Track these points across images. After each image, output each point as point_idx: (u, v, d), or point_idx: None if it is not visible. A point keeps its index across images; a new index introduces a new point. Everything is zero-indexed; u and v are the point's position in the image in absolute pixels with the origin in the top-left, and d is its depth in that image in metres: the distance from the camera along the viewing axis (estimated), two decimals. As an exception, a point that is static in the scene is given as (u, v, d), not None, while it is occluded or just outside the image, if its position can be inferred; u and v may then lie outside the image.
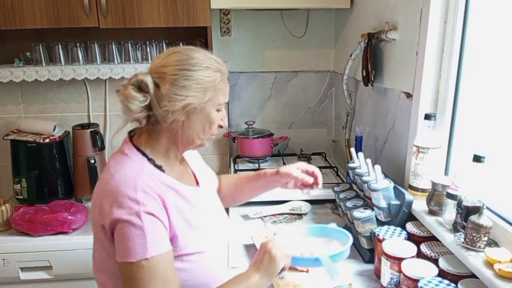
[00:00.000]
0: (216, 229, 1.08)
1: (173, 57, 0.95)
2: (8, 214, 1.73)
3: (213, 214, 1.11)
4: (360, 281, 1.22)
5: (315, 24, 2.22)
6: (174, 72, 0.93)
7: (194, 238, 0.98)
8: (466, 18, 1.20)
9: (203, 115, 0.97)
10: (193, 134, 0.99)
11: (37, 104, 2.14)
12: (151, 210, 0.88)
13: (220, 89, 0.98)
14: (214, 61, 0.98)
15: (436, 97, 1.31)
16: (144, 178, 0.92)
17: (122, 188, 0.89)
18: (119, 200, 0.88)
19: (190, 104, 0.93)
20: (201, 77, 0.94)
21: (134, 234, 0.86)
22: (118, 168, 0.94)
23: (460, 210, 1.05)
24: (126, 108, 0.92)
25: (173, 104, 0.92)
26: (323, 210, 1.73)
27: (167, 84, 0.92)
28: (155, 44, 1.98)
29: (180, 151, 1.03)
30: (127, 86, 0.92)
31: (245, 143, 2.10)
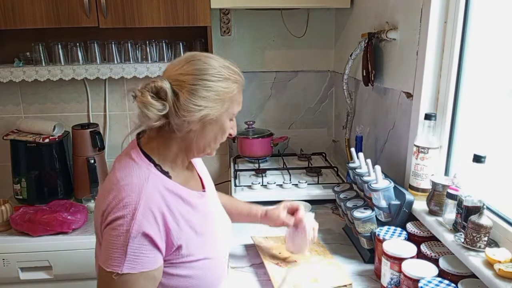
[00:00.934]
0: (220, 233, 1.08)
1: (192, 65, 0.93)
2: (8, 214, 1.73)
3: (217, 218, 1.11)
4: (360, 281, 1.22)
5: (315, 24, 2.21)
6: (193, 82, 0.91)
7: (200, 244, 0.97)
8: (466, 18, 1.20)
9: (217, 125, 0.97)
10: (205, 144, 0.98)
11: (37, 104, 2.14)
12: (145, 230, 0.85)
13: (235, 100, 0.98)
14: (233, 71, 0.97)
15: (436, 97, 1.31)
16: (148, 190, 0.89)
17: (124, 198, 0.87)
18: (118, 207, 0.86)
19: (208, 115, 0.92)
20: (220, 89, 0.93)
21: (117, 245, 0.85)
22: (124, 174, 0.92)
23: (460, 210, 1.05)
24: (144, 115, 0.90)
25: (191, 115, 0.91)
26: (323, 210, 1.73)
27: (186, 94, 0.90)
28: (155, 44, 1.98)
29: (188, 158, 1.02)
30: (144, 92, 0.89)
31: (245, 143, 2.10)
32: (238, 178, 1.90)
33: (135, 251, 0.85)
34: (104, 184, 0.95)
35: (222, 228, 1.10)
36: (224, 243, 1.09)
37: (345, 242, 1.46)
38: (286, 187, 1.78)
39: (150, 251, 0.87)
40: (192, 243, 0.95)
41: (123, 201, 0.87)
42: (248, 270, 1.29)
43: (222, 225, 1.11)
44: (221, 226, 1.10)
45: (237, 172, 1.96)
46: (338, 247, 1.42)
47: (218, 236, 1.06)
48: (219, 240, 1.06)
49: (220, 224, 1.11)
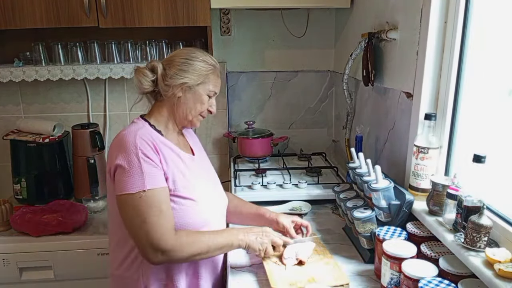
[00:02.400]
0: (209, 189, 1.31)
1: (180, 52, 1.28)
2: (8, 214, 1.73)
3: (207, 179, 1.34)
4: (360, 281, 1.22)
5: (315, 24, 2.22)
6: (179, 60, 1.24)
7: (187, 186, 1.20)
8: (466, 18, 1.20)
9: (196, 95, 1.25)
10: (186, 109, 1.25)
11: (36, 104, 2.14)
12: (147, 153, 1.12)
13: (211, 79, 1.26)
14: (210, 58, 1.28)
15: (436, 97, 1.31)
16: (143, 131, 1.17)
17: (125, 138, 1.14)
18: (122, 146, 1.13)
19: (186, 83, 1.22)
20: (198, 66, 1.24)
21: (134, 171, 1.10)
22: (125, 128, 1.21)
23: (460, 210, 1.05)
24: (139, 82, 1.22)
25: (173, 81, 1.21)
26: (323, 210, 1.73)
27: (173, 68, 1.23)
28: (154, 44, 1.98)
29: (177, 123, 1.29)
30: (143, 67, 1.24)
31: (245, 143, 2.10)
32: (238, 178, 1.90)
33: (149, 170, 1.11)
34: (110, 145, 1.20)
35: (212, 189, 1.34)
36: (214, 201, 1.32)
37: (345, 242, 1.46)
38: (286, 187, 1.78)
39: (158, 171, 1.13)
40: (179, 181, 1.18)
41: (125, 143, 1.13)
42: (248, 270, 1.29)
43: (212, 187, 1.35)
44: (212, 187, 1.34)
45: (237, 172, 1.96)
46: (338, 247, 1.41)
47: (206, 190, 1.28)
48: (207, 193, 1.28)
49: (210, 184, 1.34)
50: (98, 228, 1.77)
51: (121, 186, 1.11)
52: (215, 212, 1.31)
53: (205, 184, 1.30)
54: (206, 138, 2.26)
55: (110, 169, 1.15)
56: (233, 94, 2.27)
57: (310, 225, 1.41)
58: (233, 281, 1.23)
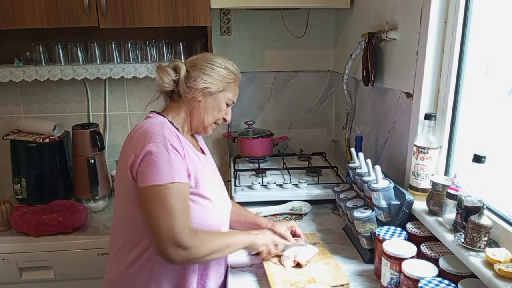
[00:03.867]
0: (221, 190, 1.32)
1: (204, 55, 1.27)
2: (8, 214, 1.73)
3: (218, 180, 1.35)
4: (360, 281, 1.22)
5: (315, 24, 2.22)
6: (203, 64, 1.23)
7: (206, 185, 1.18)
8: (466, 18, 1.20)
9: (215, 101, 1.25)
10: (204, 114, 1.24)
11: (37, 104, 2.14)
12: (175, 146, 1.10)
13: (231, 87, 1.27)
14: (233, 67, 1.28)
15: (436, 97, 1.31)
16: (168, 125, 1.16)
17: (151, 129, 1.10)
18: (150, 136, 1.08)
19: (208, 88, 1.21)
20: (221, 73, 1.23)
21: (162, 162, 1.06)
22: (144, 122, 1.15)
23: (460, 210, 1.05)
24: (160, 80, 1.20)
25: (196, 84, 1.20)
26: (323, 210, 1.73)
27: (196, 70, 1.21)
28: (155, 44, 1.98)
29: (192, 127, 1.28)
30: (165, 65, 1.22)
31: (245, 143, 2.10)
32: (238, 178, 1.90)
33: (177, 163, 1.09)
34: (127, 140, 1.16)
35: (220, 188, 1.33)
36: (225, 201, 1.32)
37: (345, 242, 1.46)
38: (286, 187, 1.78)
39: (183, 165, 1.11)
40: (199, 179, 1.16)
41: (152, 134, 1.09)
42: (248, 270, 1.29)
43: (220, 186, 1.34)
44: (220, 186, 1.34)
45: (237, 172, 1.96)
46: (338, 247, 1.42)
47: (220, 190, 1.30)
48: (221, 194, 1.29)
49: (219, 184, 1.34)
50: (98, 228, 1.77)
51: (147, 177, 1.06)
52: (227, 214, 1.32)
53: (217, 185, 1.31)
54: (206, 138, 2.26)
55: (133, 162, 1.08)
56: (233, 94, 2.26)
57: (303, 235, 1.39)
58: (233, 281, 1.23)
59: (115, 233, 1.21)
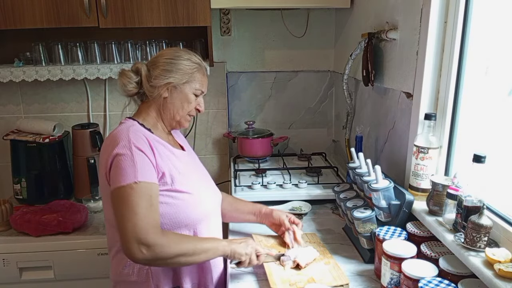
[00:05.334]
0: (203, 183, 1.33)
1: (164, 52, 1.28)
2: (8, 214, 1.73)
3: (200, 173, 1.36)
4: (360, 281, 1.22)
5: (315, 24, 2.22)
6: (162, 60, 1.23)
7: (182, 180, 1.20)
8: (466, 18, 1.20)
9: (182, 94, 1.25)
10: (173, 109, 1.25)
11: (37, 104, 2.14)
12: (140, 146, 1.12)
13: (196, 77, 1.26)
14: (195, 56, 1.28)
15: (436, 97, 1.31)
16: (135, 128, 1.18)
17: (118, 134, 1.15)
18: (116, 140, 1.12)
19: (171, 83, 1.22)
20: (182, 65, 1.23)
21: (127, 163, 1.09)
22: (113, 132, 1.19)
23: (460, 210, 1.05)
24: (123, 85, 1.22)
25: (158, 81, 1.21)
26: (323, 210, 1.73)
27: (156, 68, 1.22)
28: (155, 44, 1.98)
29: (165, 124, 1.28)
30: (127, 70, 1.24)
31: (245, 143, 2.10)
32: (238, 178, 1.90)
33: (141, 163, 1.10)
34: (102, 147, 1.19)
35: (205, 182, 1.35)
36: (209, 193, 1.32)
37: (345, 242, 1.46)
38: (286, 187, 1.78)
39: (150, 166, 1.12)
40: (175, 176, 1.18)
41: (118, 139, 1.12)
42: (248, 270, 1.29)
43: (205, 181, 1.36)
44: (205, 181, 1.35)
45: (237, 172, 1.96)
46: (338, 247, 1.42)
47: (200, 183, 1.30)
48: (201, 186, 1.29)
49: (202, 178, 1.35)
50: (98, 228, 1.77)
51: (114, 180, 1.09)
52: (213, 204, 1.32)
53: (199, 178, 1.32)
54: (206, 138, 2.26)
55: (105, 171, 1.12)
56: (233, 94, 2.26)
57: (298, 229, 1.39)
58: (233, 281, 1.23)
59: (108, 236, 1.24)
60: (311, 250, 1.31)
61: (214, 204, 1.34)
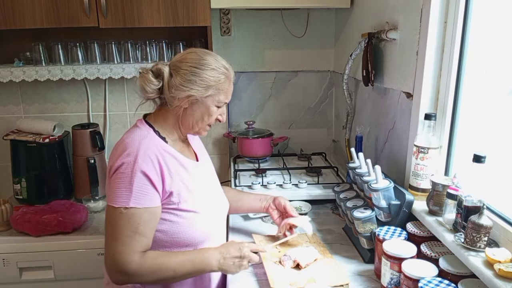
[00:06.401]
0: (212, 198, 1.28)
1: (189, 55, 1.16)
2: (8, 214, 1.73)
3: (210, 186, 1.31)
4: (360, 281, 1.22)
5: (315, 24, 2.21)
6: (185, 67, 1.13)
7: (190, 199, 1.16)
8: (466, 18, 1.20)
9: (203, 107, 1.17)
10: (193, 121, 1.19)
11: (37, 104, 2.14)
12: (144, 169, 1.06)
13: (222, 89, 1.17)
14: (222, 66, 1.18)
15: (436, 97, 1.31)
16: (147, 142, 1.11)
17: (127, 146, 1.09)
18: (123, 153, 1.08)
19: (193, 96, 1.13)
20: (206, 76, 1.13)
21: (123, 184, 1.05)
22: (128, 135, 1.15)
23: (460, 210, 1.05)
24: (143, 89, 1.14)
25: (179, 93, 1.13)
26: (323, 210, 1.73)
27: (178, 76, 1.13)
28: (155, 44, 1.98)
29: (182, 132, 1.23)
30: (148, 71, 1.14)
31: (245, 143, 2.10)
32: (238, 178, 1.90)
33: (138, 188, 1.05)
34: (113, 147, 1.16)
35: (214, 195, 1.30)
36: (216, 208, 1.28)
37: (345, 242, 1.46)
38: (286, 187, 1.78)
39: (150, 190, 1.07)
40: (183, 195, 1.14)
41: (126, 151, 1.08)
42: (248, 270, 1.29)
43: (214, 193, 1.31)
44: (213, 193, 1.30)
45: (237, 172, 1.96)
46: (338, 247, 1.42)
47: (208, 199, 1.24)
48: (209, 203, 1.23)
49: (212, 191, 1.30)
50: (98, 228, 1.77)
51: (108, 195, 1.08)
52: (218, 221, 1.29)
53: (208, 192, 1.27)
54: (206, 138, 2.26)
55: (107, 174, 1.12)
56: (233, 94, 2.24)
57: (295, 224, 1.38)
58: (233, 281, 1.23)
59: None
60: (311, 250, 1.31)
61: (220, 219, 1.30)
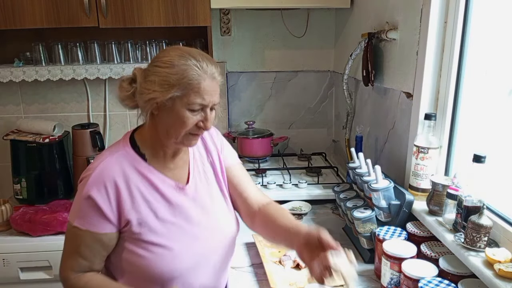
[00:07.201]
0: (198, 231, 1.05)
1: (158, 55, 1.00)
2: (8, 214, 1.73)
3: (198, 216, 1.06)
4: (360, 281, 1.22)
5: (315, 24, 2.21)
6: (148, 67, 0.98)
7: (161, 230, 1.00)
8: (466, 18, 1.20)
9: (172, 112, 0.96)
10: (165, 129, 0.99)
11: (37, 104, 2.14)
12: (92, 195, 0.95)
13: (192, 89, 0.94)
14: (194, 59, 0.94)
15: (436, 97, 1.31)
16: (112, 160, 1.00)
17: (94, 160, 1.02)
18: (85, 170, 1.02)
19: (154, 99, 0.94)
20: (166, 74, 0.94)
21: (75, 201, 0.99)
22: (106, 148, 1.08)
23: (460, 210, 1.05)
24: (119, 98, 1.02)
25: (141, 97, 0.96)
26: (323, 210, 1.73)
27: (140, 78, 0.97)
28: (154, 44, 1.98)
29: (165, 145, 1.03)
30: (125, 78, 1.02)
31: (245, 143, 2.10)
32: (238, 178, 1.90)
33: (84, 210, 0.97)
34: None
35: (202, 228, 1.06)
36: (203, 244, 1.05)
37: (345, 242, 1.46)
38: (286, 187, 1.78)
39: (95, 215, 0.97)
40: (148, 225, 0.99)
41: (89, 166, 1.02)
42: (248, 270, 1.29)
43: (203, 225, 1.06)
44: (202, 226, 1.06)
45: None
46: (338, 247, 1.41)
47: (190, 233, 1.04)
48: (190, 237, 1.03)
49: (200, 223, 1.06)
50: (98, 228, 1.77)
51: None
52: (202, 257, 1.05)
53: (192, 222, 1.05)
54: (206, 138, 2.26)
55: None
56: (233, 94, 2.26)
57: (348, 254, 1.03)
58: (233, 281, 1.23)
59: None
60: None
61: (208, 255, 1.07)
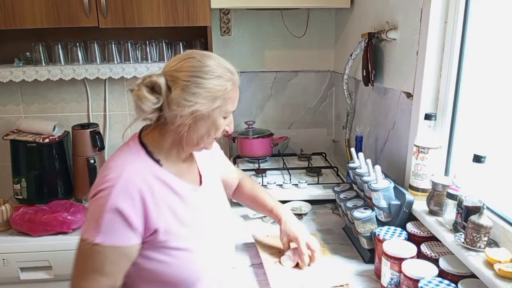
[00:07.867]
0: (214, 229, 1.09)
1: (187, 62, 0.97)
2: (8, 214, 1.73)
3: (213, 214, 1.11)
4: (360, 281, 1.22)
5: (315, 24, 2.21)
6: (186, 78, 0.94)
7: (184, 234, 0.99)
8: (466, 18, 1.20)
9: (209, 121, 0.99)
10: (197, 138, 1.00)
11: (37, 104, 2.14)
12: (119, 206, 0.90)
13: (229, 98, 0.99)
14: (227, 70, 1.00)
15: (436, 97, 1.31)
16: (133, 168, 0.95)
17: (110, 171, 0.94)
18: (100, 182, 0.93)
19: (198, 111, 0.95)
20: (211, 86, 0.95)
21: (94, 216, 0.90)
22: (116, 156, 1.00)
23: (460, 210, 1.05)
24: (139, 108, 0.95)
25: (182, 109, 0.94)
26: (323, 210, 1.73)
27: (178, 89, 0.94)
28: (154, 44, 1.98)
29: (184, 151, 1.04)
30: (141, 87, 0.94)
31: (245, 143, 2.10)
32: (238, 178, 1.90)
33: (108, 224, 0.89)
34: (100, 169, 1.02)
35: (215, 226, 1.10)
36: (217, 243, 1.08)
37: (345, 242, 1.46)
38: (286, 187, 1.78)
39: (123, 228, 0.91)
40: (173, 231, 0.97)
41: (106, 177, 0.93)
42: (248, 270, 1.29)
43: (216, 223, 1.11)
44: (215, 224, 1.10)
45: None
46: (338, 247, 1.41)
47: (208, 232, 1.06)
48: (208, 237, 1.06)
49: (214, 221, 1.10)
50: (98, 228, 1.77)
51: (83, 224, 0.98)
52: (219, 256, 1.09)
53: (209, 222, 1.08)
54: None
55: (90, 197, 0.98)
56: (233, 94, 2.26)
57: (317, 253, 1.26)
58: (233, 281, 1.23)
59: None
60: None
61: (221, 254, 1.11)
